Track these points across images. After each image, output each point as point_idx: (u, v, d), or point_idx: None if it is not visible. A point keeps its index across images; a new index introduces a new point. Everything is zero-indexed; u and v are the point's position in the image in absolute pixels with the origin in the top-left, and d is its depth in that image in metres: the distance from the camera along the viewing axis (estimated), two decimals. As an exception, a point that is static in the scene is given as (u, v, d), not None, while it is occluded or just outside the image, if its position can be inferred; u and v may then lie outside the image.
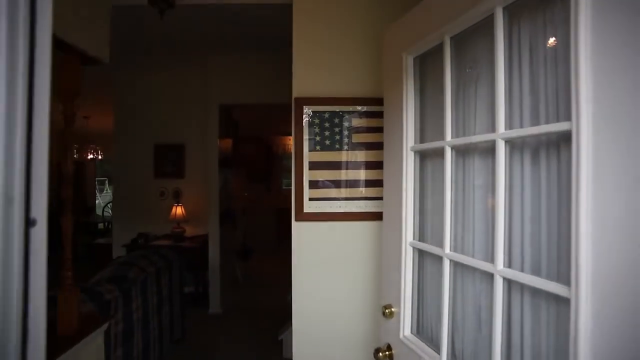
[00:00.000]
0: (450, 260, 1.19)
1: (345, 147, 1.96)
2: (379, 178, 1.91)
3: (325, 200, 1.93)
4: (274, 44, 4.16)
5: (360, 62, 1.95)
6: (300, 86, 1.93)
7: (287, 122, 2.10)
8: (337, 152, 1.95)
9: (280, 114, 6.59)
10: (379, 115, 1.92)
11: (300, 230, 1.94)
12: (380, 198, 1.83)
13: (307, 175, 1.93)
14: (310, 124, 1.94)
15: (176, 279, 3.85)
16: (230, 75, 4.58)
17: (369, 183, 1.95)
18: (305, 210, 1.92)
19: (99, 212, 8.49)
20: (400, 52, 1.44)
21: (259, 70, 4.54)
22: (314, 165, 1.94)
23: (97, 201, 9.72)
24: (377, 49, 1.89)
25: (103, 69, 4.87)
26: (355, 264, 1.94)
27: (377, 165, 1.93)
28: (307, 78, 1.93)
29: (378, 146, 1.93)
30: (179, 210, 5.06)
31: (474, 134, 1.16)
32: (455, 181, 1.23)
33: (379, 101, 1.86)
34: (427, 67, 1.41)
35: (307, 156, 1.93)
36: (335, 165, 1.95)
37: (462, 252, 1.18)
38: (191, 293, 5.16)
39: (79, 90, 1.88)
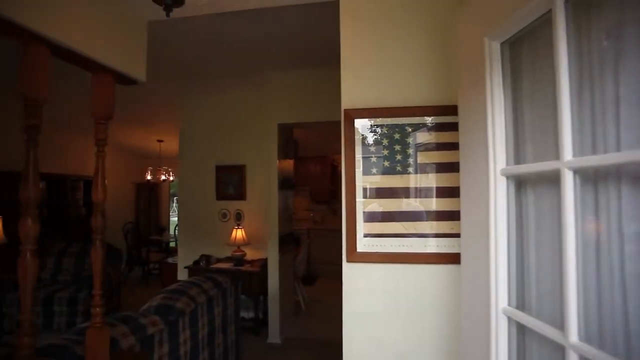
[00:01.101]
0: (580, 356, 0.73)
1: (410, 169, 1.55)
2: (456, 209, 1.48)
3: (384, 237, 1.52)
4: (335, 59, 3.94)
5: (427, 60, 1.54)
6: (351, 95, 1.58)
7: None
8: (398, 176, 1.55)
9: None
10: (453, 127, 1.51)
11: (352, 274, 1.56)
12: (458, 235, 1.39)
13: (361, 205, 1.55)
14: (364, 142, 1.57)
15: (231, 308, 3.65)
16: (289, 94, 4.41)
17: (442, 216, 1.51)
18: (358, 250, 1.53)
19: (172, 231, 8.86)
20: (481, 37, 1.03)
21: (319, 88, 4.30)
22: (369, 193, 1.56)
23: (174, 219, 10.23)
24: (449, 41, 1.48)
25: (172, 94, 5.05)
26: (423, 321, 1.49)
27: (451, 192, 1.50)
28: (358, 85, 1.57)
29: (452, 168, 1.50)
30: (239, 233, 4.94)
31: (616, 149, 0.71)
32: (581, 223, 0.77)
33: (453, 109, 1.45)
34: (523, 53, 0.98)
35: (361, 181, 1.56)
36: (397, 193, 1.54)
37: (603, 347, 0.71)
38: (251, 319, 4.98)
39: (112, 112, 1.73)
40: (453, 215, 1.49)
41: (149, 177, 7.62)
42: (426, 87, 1.55)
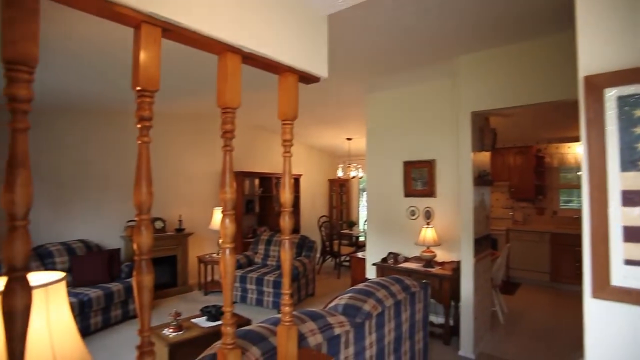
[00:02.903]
0: None
1: None
2: None
3: (662, 268, 0.98)
4: (540, 27, 3.16)
5: None
6: (596, 54, 1.06)
7: (563, 125, 1.25)
8: (690, 171, 0.97)
9: (555, 115, 5.15)
10: None
11: (601, 316, 1.05)
12: None
13: (619, 215, 1.02)
14: (623, 121, 1.04)
15: (419, 314, 3.40)
16: (483, 78, 3.79)
17: None
18: (613, 283, 1.01)
19: (361, 225, 9.22)
20: None
21: (521, 66, 3.55)
22: (632, 198, 1.03)
23: (363, 213, 10.68)
24: None
25: (358, 92, 5.12)
26: None
27: None
28: (610, 36, 1.05)
29: None
30: (429, 232, 4.62)
31: None
32: None
33: None
34: None
35: (618, 180, 1.03)
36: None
37: None
38: (440, 325, 4.63)
39: (297, 112, 1.71)
40: None
41: (339, 174, 8.10)
42: None
